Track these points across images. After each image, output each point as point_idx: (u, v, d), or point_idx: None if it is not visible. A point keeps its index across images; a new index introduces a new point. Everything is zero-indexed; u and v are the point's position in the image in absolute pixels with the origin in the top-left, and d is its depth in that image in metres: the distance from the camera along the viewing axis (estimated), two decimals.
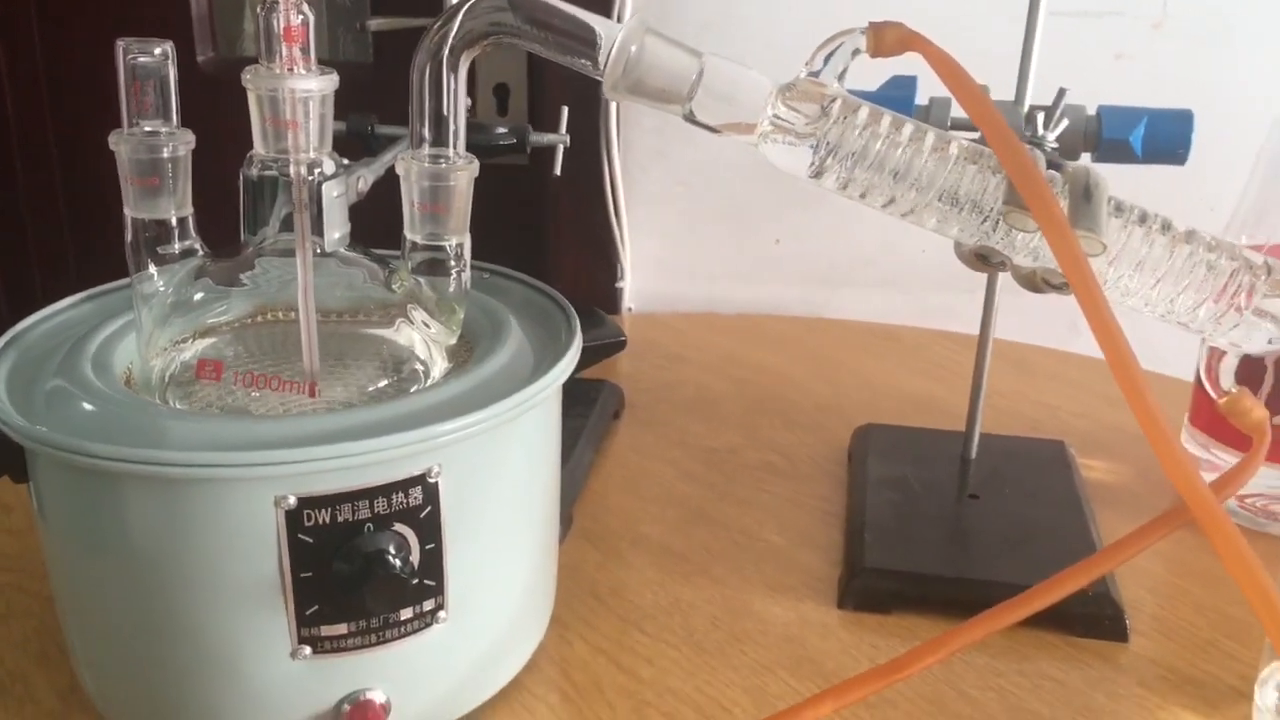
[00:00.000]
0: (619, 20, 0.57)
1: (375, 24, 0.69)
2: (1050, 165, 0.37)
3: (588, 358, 0.51)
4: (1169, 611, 0.49)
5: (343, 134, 0.52)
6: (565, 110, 0.58)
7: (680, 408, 0.68)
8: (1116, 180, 0.38)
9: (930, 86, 0.53)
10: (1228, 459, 0.55)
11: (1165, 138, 0.49)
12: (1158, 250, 0.36)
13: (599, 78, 0.37)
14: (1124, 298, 0.37)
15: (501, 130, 0.53)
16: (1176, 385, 0.62)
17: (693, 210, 0.82)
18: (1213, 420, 0.56)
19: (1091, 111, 0.50)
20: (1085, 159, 0.51)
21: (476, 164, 0.40)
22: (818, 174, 0.37)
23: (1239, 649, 0.47)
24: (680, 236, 0.84)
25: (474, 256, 0.48)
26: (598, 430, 0.62)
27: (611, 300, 0.83)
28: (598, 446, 0.62)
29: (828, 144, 0.37)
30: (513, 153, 0.53)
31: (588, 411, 0.63)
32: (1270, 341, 0.36)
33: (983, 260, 0.36)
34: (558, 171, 0.58)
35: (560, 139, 0.57)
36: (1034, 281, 0.36)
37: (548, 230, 0.83)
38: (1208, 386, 0.38)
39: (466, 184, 0.40)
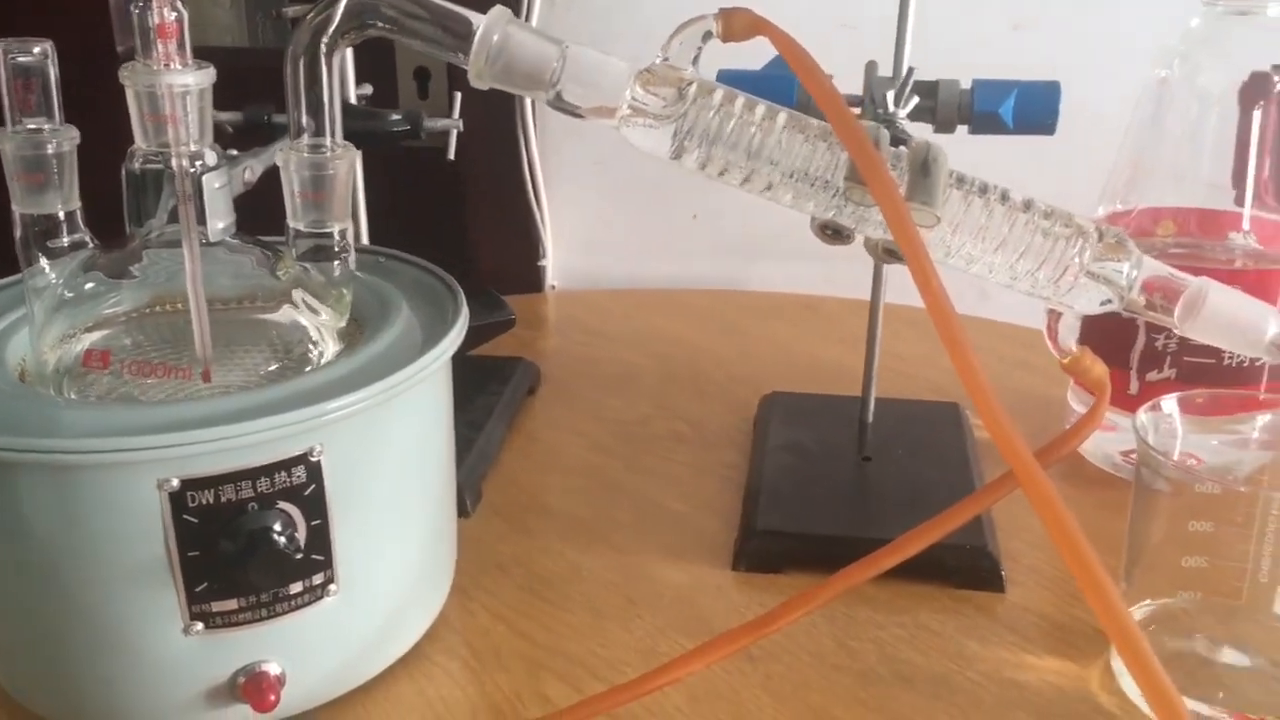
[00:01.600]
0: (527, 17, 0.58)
1: (293, 10, 0.69)
2: (895, 141, 0.38)
3: (477, 336, 0.53)
4: (1045, 563, 0.52)
5: (240, 124, 0.54)
6: (459, 96, 0.59)
7: (597, 382, 0.70)
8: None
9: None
10: (1110, 417, 0.58)
11: (1034, 109, 0.51)
12: (997, 219, 0.38)
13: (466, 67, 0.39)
14: (969, 265, 0.39)
15: (395, 117, 0.54)
16: None
17: (611, 187, 0.84)
18: None
19: (966, 85, 0.52)
20: (962, 131, 0.53)
21: (356, 152, 0.42)
22: (678, 155, 0.39)
23: None
24: (600, 214, 0.85)
25: (396, 240, 0.50)
26: (511, 406, 0.64)
27: (535, 279, 0.85)
28: (510, 422, 0.63)
29: (685, 126, 0.38)
30: (407, 139, 0.55)
31: (501, 388, 0.64)
32: (1102, 303, 0.38)
33: (830, 233, 0.38)
34: (451, 156, 0.59)
35: (453, 124, 0.58)
36: (878, 252, 0.38)
37: (468, 212, 0.84)
38: (1050, 347, 0.40)
39: (346, 172, 0.42)
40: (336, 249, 0.42)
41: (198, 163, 0.41)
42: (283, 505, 0.38)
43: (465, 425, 0.60)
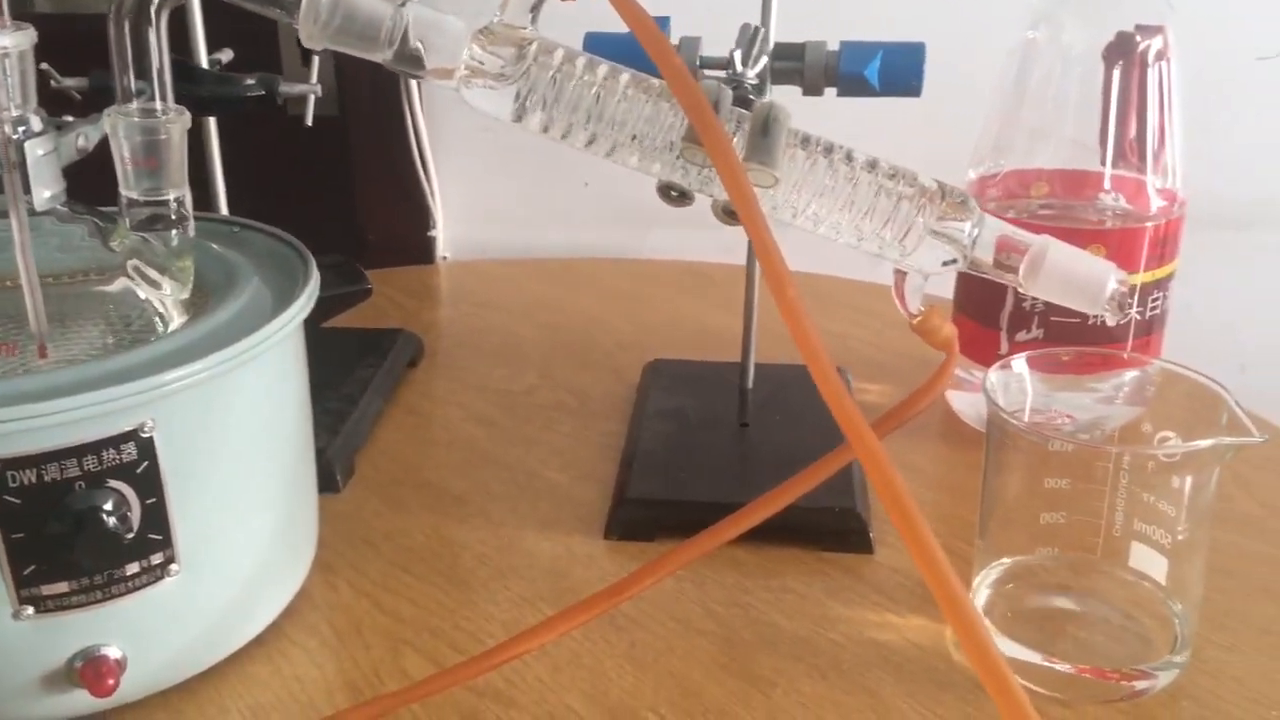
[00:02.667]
0: None
1: None
2: (739, 102, 0.38)
3: (332, 307, 0.52)
4: None
5: (87, 90, 0.51)
6: (316, 60, 0.57)
7: (482, 353, 0.69)
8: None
9: (682, 26, 0.54)
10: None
11: (899, 70, 0.51)
12: (841, 179, 0.38)
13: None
14: (816, 225, 0.39)
15: (250, 82, 0.53)
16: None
17: (500, 156, 0.82)
18: (971, 342, 0.59)
19: (834, 47, 0.52)
20: (830, 94, 0.53)
21: (188, 115, 0.40)
22: (519, 117, 0.38)
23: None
24: (490, 183, 0.84)
25: (281, 212, 0.48)
26: (390, 379, 0.63)
27: (426, 250, 0.83)
28: (389, 395, 0.62)
29: (526, 87, 0.37)
30: (262, 105, 0.53)
31: (379, 361, 0.63)
32: (945, 263, 0.38)
33: (673, 194, 0.38)
34: (309, 122, 0.57)
35: (311, 89, 0.56)
36: (720, 213, 0.38)
37: (356, 184, 0.82)
38: (899, 307, 0.40)
39: (179, 136, 0.40)
40: (174, 217, 0.41)
41: (20, 129, 0.39)
42: (113, 484, 0.37)
43: (339, 399, 0.59)
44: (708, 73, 0.51)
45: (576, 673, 0.43)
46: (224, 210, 0.64)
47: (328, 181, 0.82)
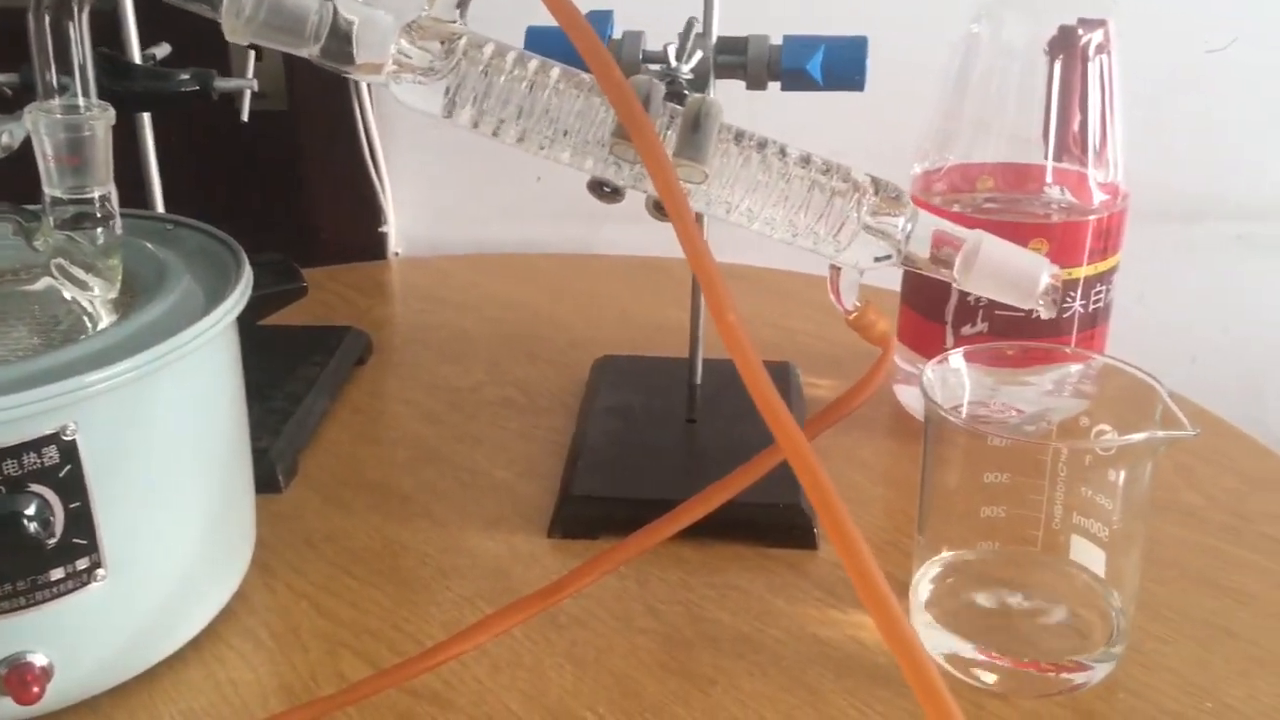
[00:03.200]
0: None
1: None
2: (674, 97, 0.38)
3: (267, 305, 0.51)
4: (861, 517, 0.52)
5: (17, 85, 0.50)
6: (252, 55, 0.56)
7: (432, 350, 0.68)
8: None
9: (625, 19, 0.54)
10: None
11: (841, 65, 0.51)
12: (774, 175, 0.37)
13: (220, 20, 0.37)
14: (750, 221, 0.38)
15: (184, 77, 0.52)
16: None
17: (452, 151, 0.82)
18: (917, 336, 0.59)
19: (776, 41, 0.52)
20: (774, 88, 0.53)
21: (112, 112, 0.39)
22: (449, 112, 0.38)
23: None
24: (442, 178, 0.83)
25: (227, 208, 0.47)
26: (336, 377, 0.62)
27: (377, 246, 0.83)
28: (336, 394, 0.62)
29: (455, 82, 0.37)
30: (198, 99, 0.52)
31: (325, 359, 0.62)
32: (879, 258, 0.38)
33: (605, 190, 0.37)
34: (245, 117, 0.57)
35: (247, 84, 0.56)
36: (651, 208, 0.37)
37: (305, 181, 0.81)
38: (834, 302, 0.40)
39: (104, 133, 0.39)
40: (99, 215, 0.40)
41: None
42: (35, 488, 0.36)
43: (284, 398, 0.58)
44: (652, 67, 0.51)
45: (516, 673, 0.42)
46: (160, 208, 0.63)
47: (278, 178, 0.81)
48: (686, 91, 0.39)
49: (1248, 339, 0.87)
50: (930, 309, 0.57)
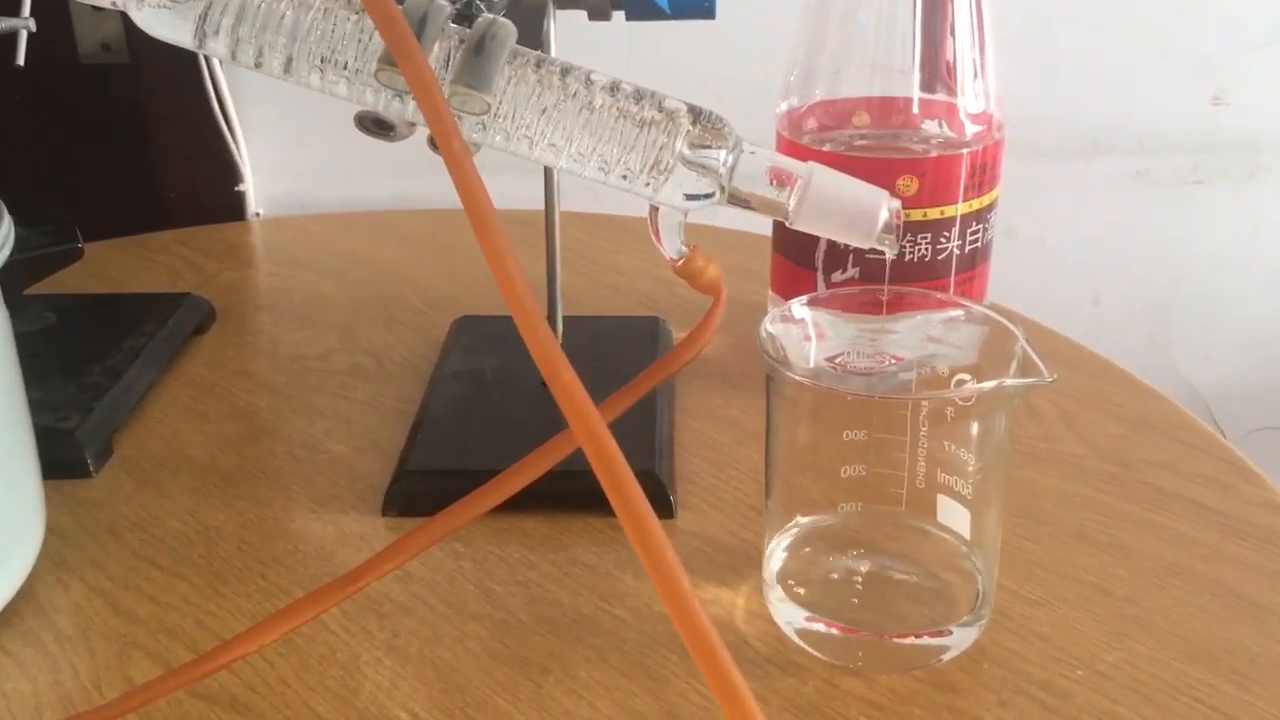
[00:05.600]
0: None
1: None
2: (460, 19, 0.33)
3: (37, 269, 0.46)
4: (724, 482, 0.48)
5: None
6: None
7: (281, 316, 0.63)
8: None
9: None
10: None
11: None
12: (576, 104, 0.33)
13: None
14: (556, 156, 0.34)
15: None
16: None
17: (311, 102, 0.75)
18: (788, 285, 0.55)
19: None
20: (619, 17, 0.48)
21: None
22: (200, 40, 0.33)
23: None
24: (304, 132, 0.78)
25: (66, 169, 0.42)
26: (167, 348, 0.57)
27: (235, 206, 0.77)
28: (165, 366, 0.56)
29: (205, 6, 0.32)
30: None
31: (155, 329, 0.57)
32: (699, 196, 0.34)
33: (375, 126, 0.33)
34: (20, 61, 0.51)
35: (22, 23, 0.50)
36: (430, 144, 0.33)
37: (150, 138, 0.75)
38: (658, 247, 0.36)
39: None
40: None
41: None
42: None
43: (102, 373, 0.53)
44: None
45: (327, 670, 0.38)
46: None
47: (121, 136, 0.75)
48: (472, 14, 0.34)
49: (1151, 279, 0.84)
50: (800, 255, 0.53)
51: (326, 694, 0.37)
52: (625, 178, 0.34)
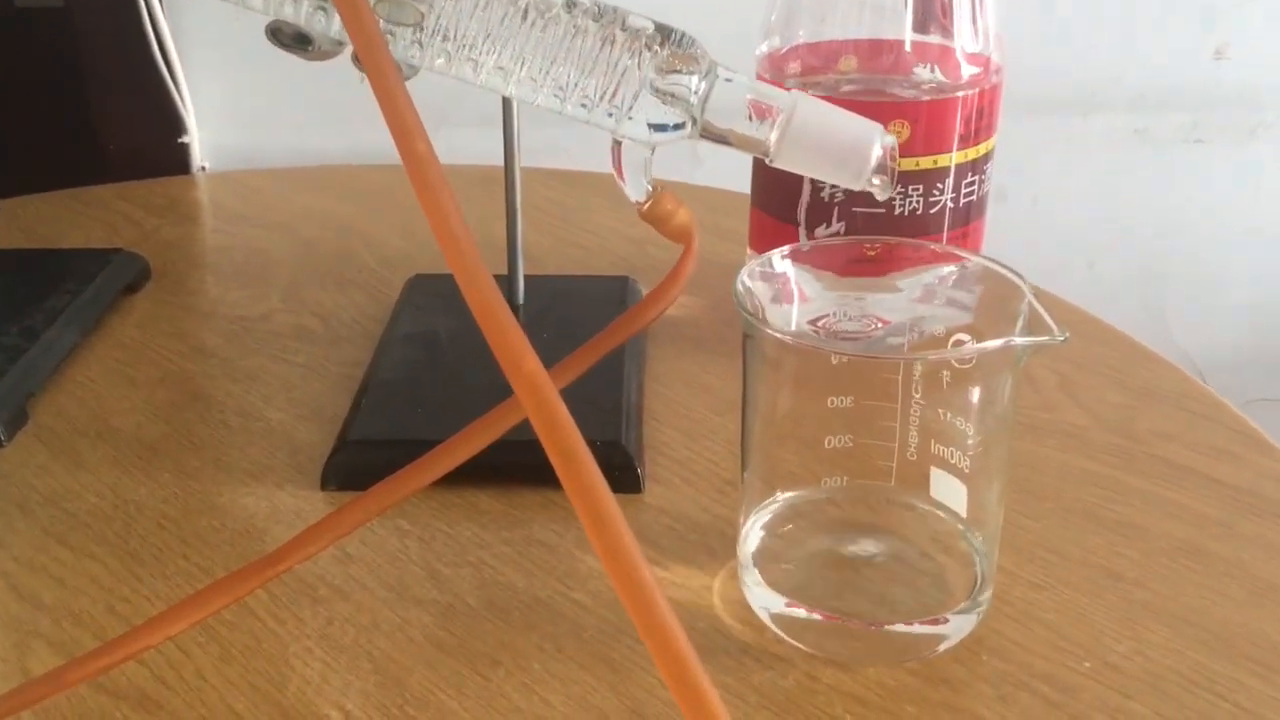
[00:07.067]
0: None
1: None
2: None
3: None
4: (697, 453, 0.44)
5: None
6: None
7: (222, 274, 0.59)
8: None
9: None
10: None
11: None
12: (529, 19, 0.29)
13: None
14: (505, 81, 0.30)
15: None
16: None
17: (260, 48, 0.70)
18: (769, 241, 0.51)
19: None
20: None
21: None
22: None
23: None
24: (252, 81, 0.73)
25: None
26: (94, 308, 0.52)
27: (180, 160, 0.72)
28: (91, 327, 0.52)
29: None
30: None
31: (81, 287, 0.52)
32: (666, 127, 0.29)
33: (279, 37, 0.29)
34: None
35: None
36: (354, 59, 0.28)
37: (89, 86, 0.70)
38: (621, 188, 0.32)
39: None
40: None
41: None
42: None
43: (18, 333, 0.48)
44: None
45: (251, 662, 0.34)
46: None
47: (57, 84, 0.70)
48: None
49: (1148, 242, 0.81)
50: (782, 209, 0.49)
51: (248, 689, 0.33)
52: (584, 106, 0.30)
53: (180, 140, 0.71)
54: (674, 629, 0.23)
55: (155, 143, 0.71)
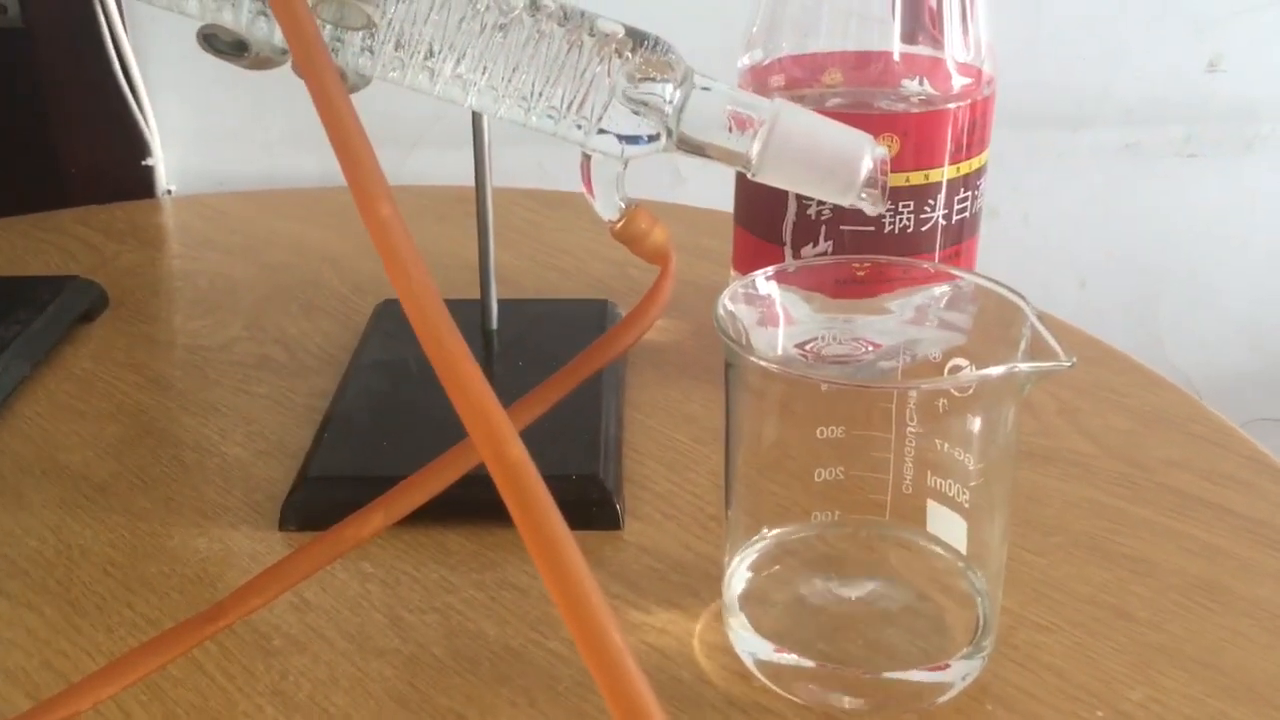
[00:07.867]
0: None
1: None
2: None
3: None
4: (679, 486, 0.42)
5: None
6: None
7: (184, 302, 0.56)
8: None
9: None
10: None
11: None
12: (489, 23, 0.27)
13: None
14: (465, 91, 0.28)
15: None
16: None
17: (227, 68, 0.69)
18: (753, 262, 0.49)
19: None
20: None
21: None
22: None
23: None
24: (219, 101, 0.70)
25: None
26: (46, 338, 0.50)
27: (144, 183, 0.70)
28: (42, 358, 0.49)
29: None
30: None
31: (32, 316, 0.50)
32: (624, 137, 0.27)
33: (212, 44, 0.26)
34: None
35: None
36: (295, 67, 0.26)
37: (47, 106, 0.68)
38: (591, 204, 0.30)
39: None
40: None
41: None
42: None
43: None
44: None
45: None
46: None
47: (16, 106, 0.67)
48: None
49: (1140, 260, 0.79)
50: (766, 228, 0.47)
51: None
52: (551, 117, 0.27)
53: (145, 163, 0.69)
54: (638, 684, 0.20)
55: (119, 166, 0.69)
